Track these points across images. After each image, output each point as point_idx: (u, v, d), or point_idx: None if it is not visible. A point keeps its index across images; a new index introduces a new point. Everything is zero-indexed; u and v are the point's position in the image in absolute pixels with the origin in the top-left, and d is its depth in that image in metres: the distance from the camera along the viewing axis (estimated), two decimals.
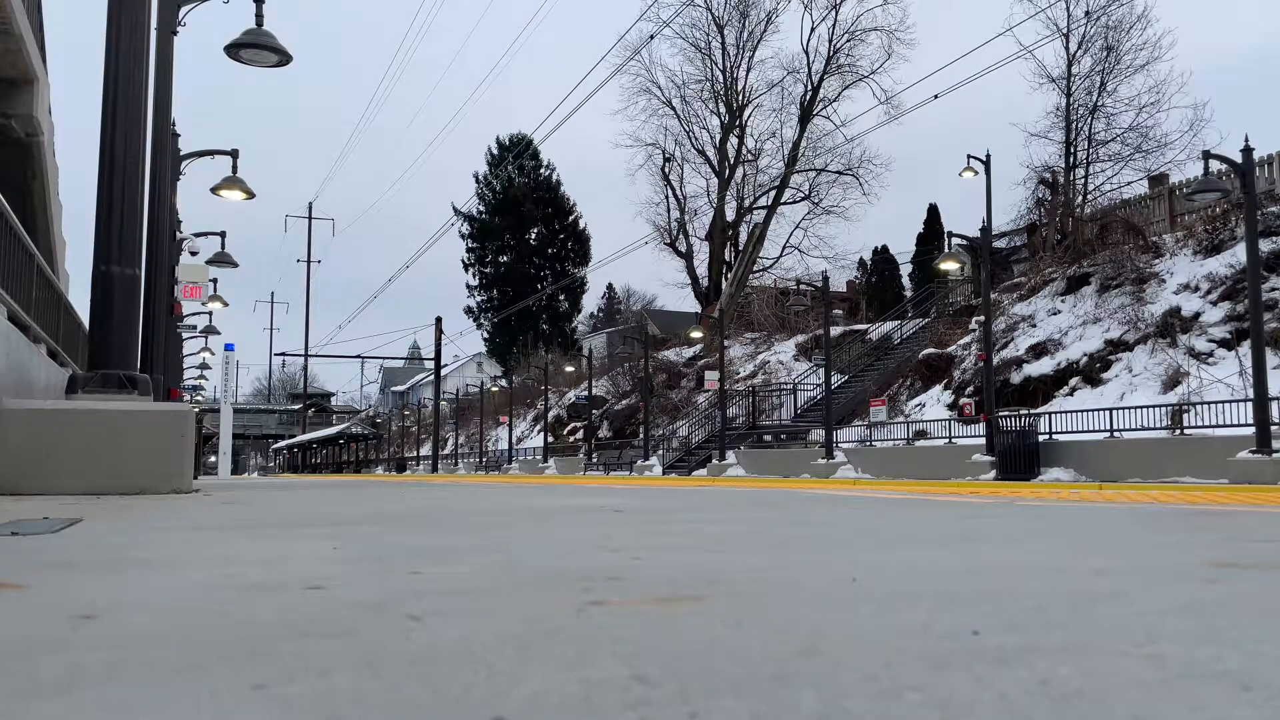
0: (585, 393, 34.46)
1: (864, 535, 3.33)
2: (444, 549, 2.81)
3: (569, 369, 43.08)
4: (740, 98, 42.74)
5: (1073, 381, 20.66)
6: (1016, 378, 21.62)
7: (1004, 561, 2.34)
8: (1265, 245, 17.84)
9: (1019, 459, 16.69)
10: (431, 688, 1.06)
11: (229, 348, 34.78)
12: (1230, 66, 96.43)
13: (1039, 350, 22.15)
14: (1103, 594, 1.75)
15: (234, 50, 10.47)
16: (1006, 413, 18.55)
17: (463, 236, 58.32)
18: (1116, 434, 16.45)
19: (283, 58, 10.65)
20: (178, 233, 16.12)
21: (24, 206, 17.44)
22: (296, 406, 76.80)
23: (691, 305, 46.33)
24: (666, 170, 43.97)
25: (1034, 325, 23.39)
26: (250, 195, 15.21)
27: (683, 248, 44.11)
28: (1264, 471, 12.23)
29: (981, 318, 19.39)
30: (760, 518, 4.55)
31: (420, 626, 1.44)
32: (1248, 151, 13.65)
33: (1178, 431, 16.13)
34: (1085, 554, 2.51)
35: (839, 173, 41.54)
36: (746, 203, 42.90)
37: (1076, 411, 17.76)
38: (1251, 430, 13.17)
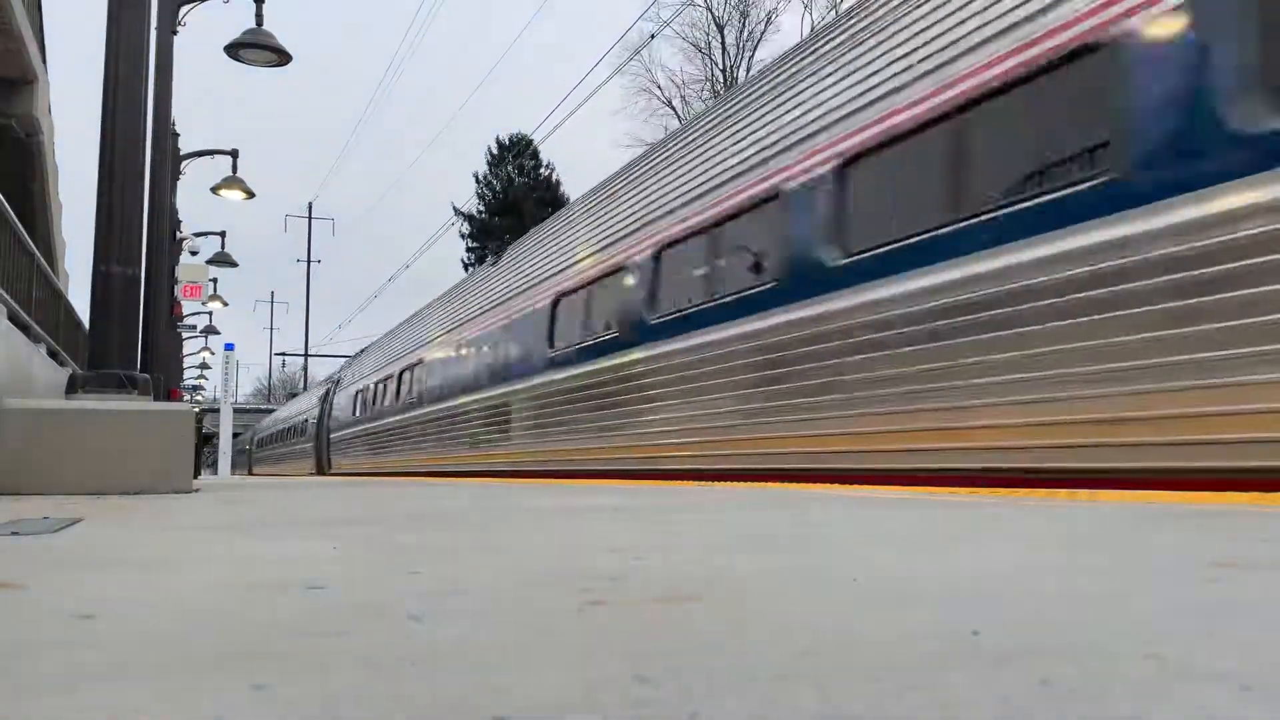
0: None
1: (865, 535, 3.33)
2: (444, 549, 2.80)
3: None
4: None
5: None
6: None
7: (1004, 561, 2.34)
8: None
9: None
10: (431, 688, 1.06)
11: (229, 348, 34.64)
12: None
13: None
14: (1103, 594, 1.75)
15: (234, 50, 10.50)
16: None
17: (463, 236, 58.24)
18: None
19: (283, 57, 10.67)
20: (178, 233, 16.12)
21: (24, 206, 17.44)
22: None
23: None
24: None
25: None
26: (250, 195, 15.24)
27: None
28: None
29: None
30: (761, 518, 4.54)
31: (420, 626, 1.44)
32: None
33: None
34: (1085, 554, 2.51)
35: None
36: None
37: None
38: None
